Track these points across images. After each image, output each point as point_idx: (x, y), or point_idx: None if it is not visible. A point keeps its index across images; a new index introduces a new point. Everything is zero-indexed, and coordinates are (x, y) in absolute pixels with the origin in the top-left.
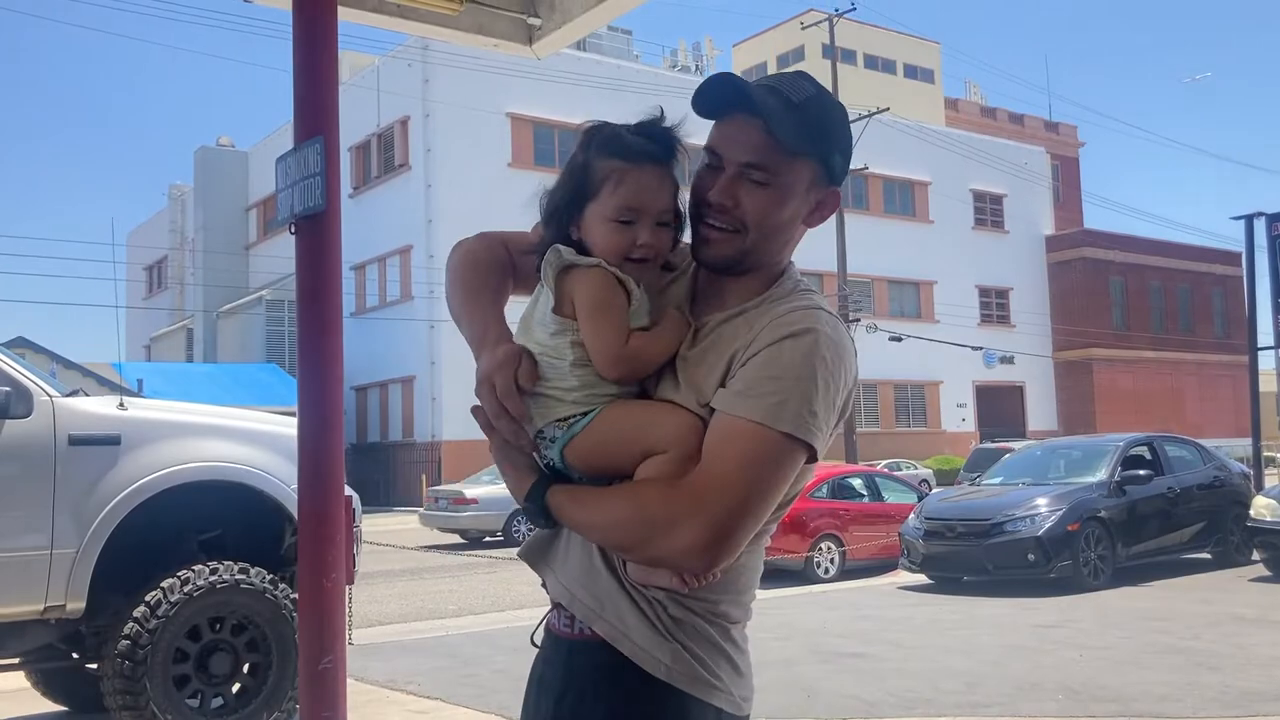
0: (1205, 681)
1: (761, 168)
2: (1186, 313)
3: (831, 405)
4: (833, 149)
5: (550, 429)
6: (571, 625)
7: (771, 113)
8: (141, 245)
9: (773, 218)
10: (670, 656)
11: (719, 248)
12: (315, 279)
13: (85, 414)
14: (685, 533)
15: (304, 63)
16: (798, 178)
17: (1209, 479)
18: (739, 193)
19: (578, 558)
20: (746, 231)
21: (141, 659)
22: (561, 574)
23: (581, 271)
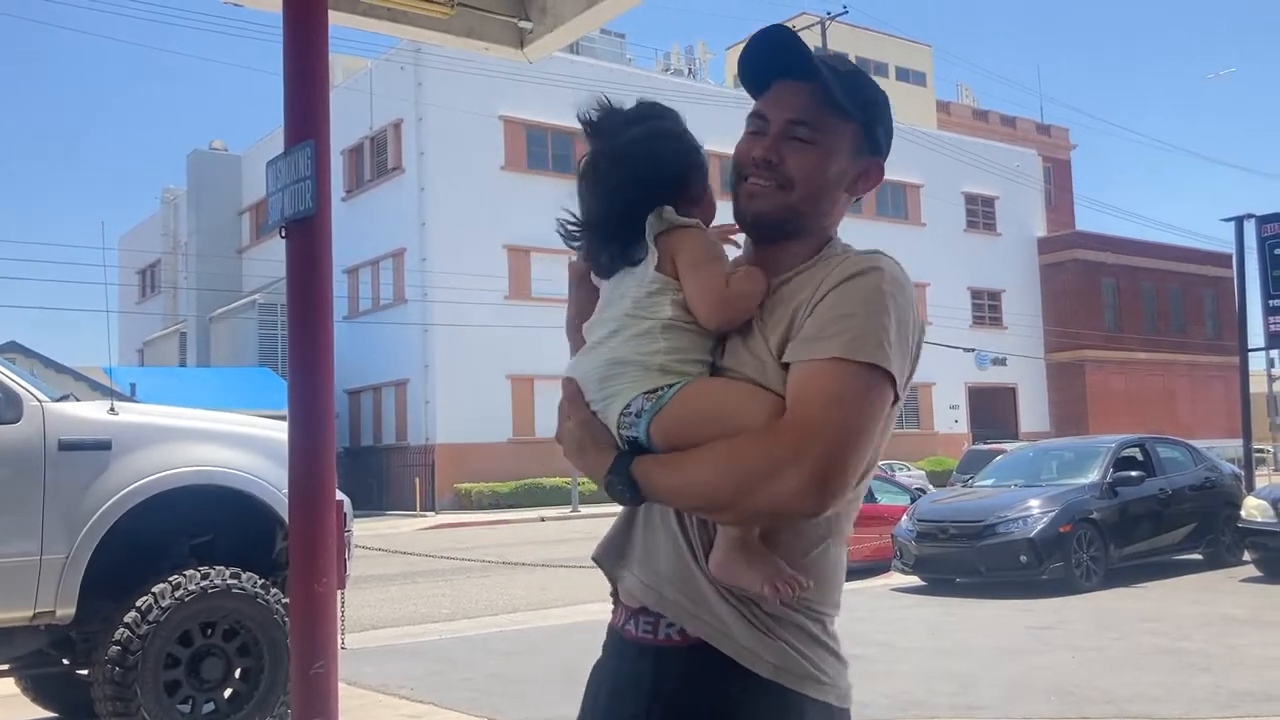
0: (1197, 682)
1: (808, 124)
2: (1178, 314)
3: (905, 343)
4: (876, 120)
5: (637, 402)
6: (654, 630)
7: (817, 73)
8: (134, 249)
9: (818, 176)
10: (776, 655)
11: (764, 200)
12: (306, 282)
13: (75, 419)
14: (790, 476)
15: (294, 66)
16: (843, 140)
17: (1200, 480)
18: (784, 150)
19: (667, 556)
20: (792, 188)
21: (132, 665)
22: (645, 574)
23: (683, 229)
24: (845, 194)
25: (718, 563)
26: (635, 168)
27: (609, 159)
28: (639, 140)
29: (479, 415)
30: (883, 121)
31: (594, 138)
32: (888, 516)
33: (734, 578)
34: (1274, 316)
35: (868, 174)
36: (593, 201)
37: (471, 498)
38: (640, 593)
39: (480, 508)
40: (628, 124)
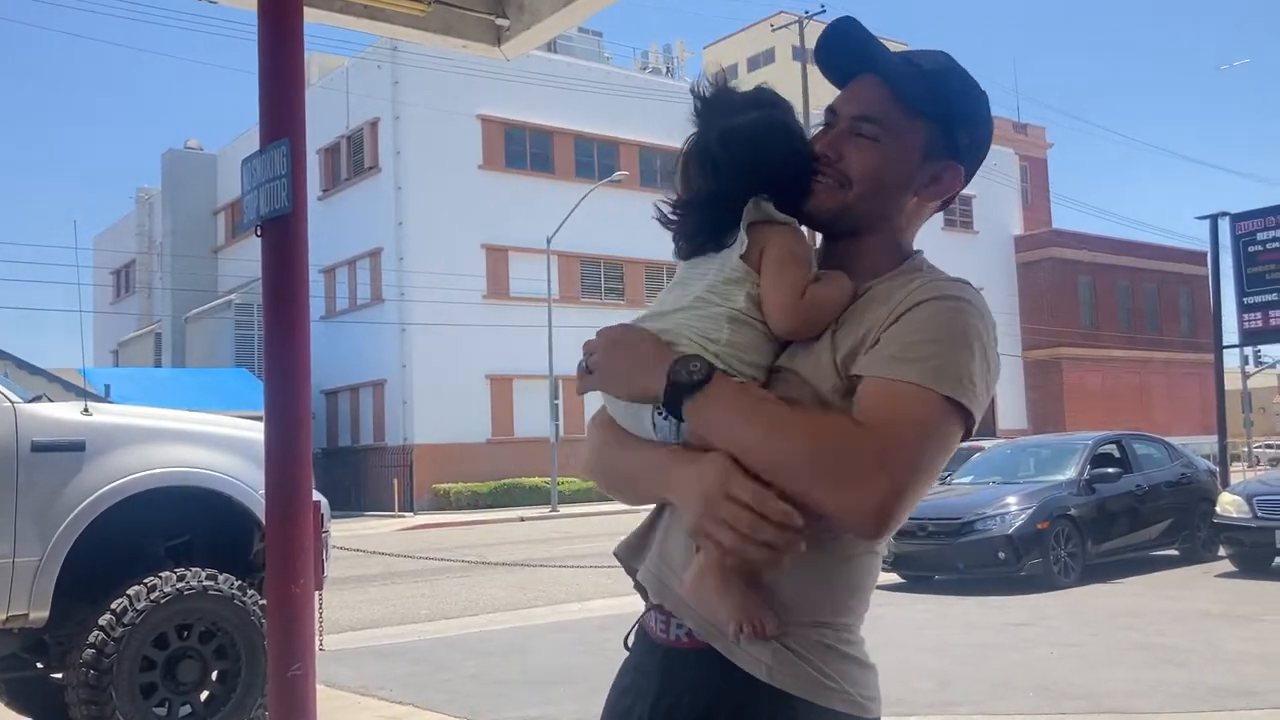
0: (1172, 678)
1: (872, 120)
2: (1154, 312)
3: (986, 378)
4: (956, 120)
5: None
6: (667, 628)
7: (889, 66)
8: (108, 249)
9: (878, 174)
10: (770, 655)
11: (819, 199)
12: (282, 282)
13: (48, 420)
14: (873, 486)
15: (269, 64)
16: (911, 138)
17: (1176, 476)
18: (844, 146)
19: (680, 552)
20: (850, 186)
21: (107, 668)
22: (657, 565)
23: (778, 225)
24: (917, 198)
25: (689, 583)
26: (745, 151)
27: (720, 138)
28: (754, 124)
29: (457, 415)
30: (968, 124)
31: (704, 114)
32: None
33: (703, 602)
34: (1248, 314)
35: (943, 177)
36: (695, 179)
37: (450, 498)
38: (648, 582)
39: (459, 508)
40: (745, 107)
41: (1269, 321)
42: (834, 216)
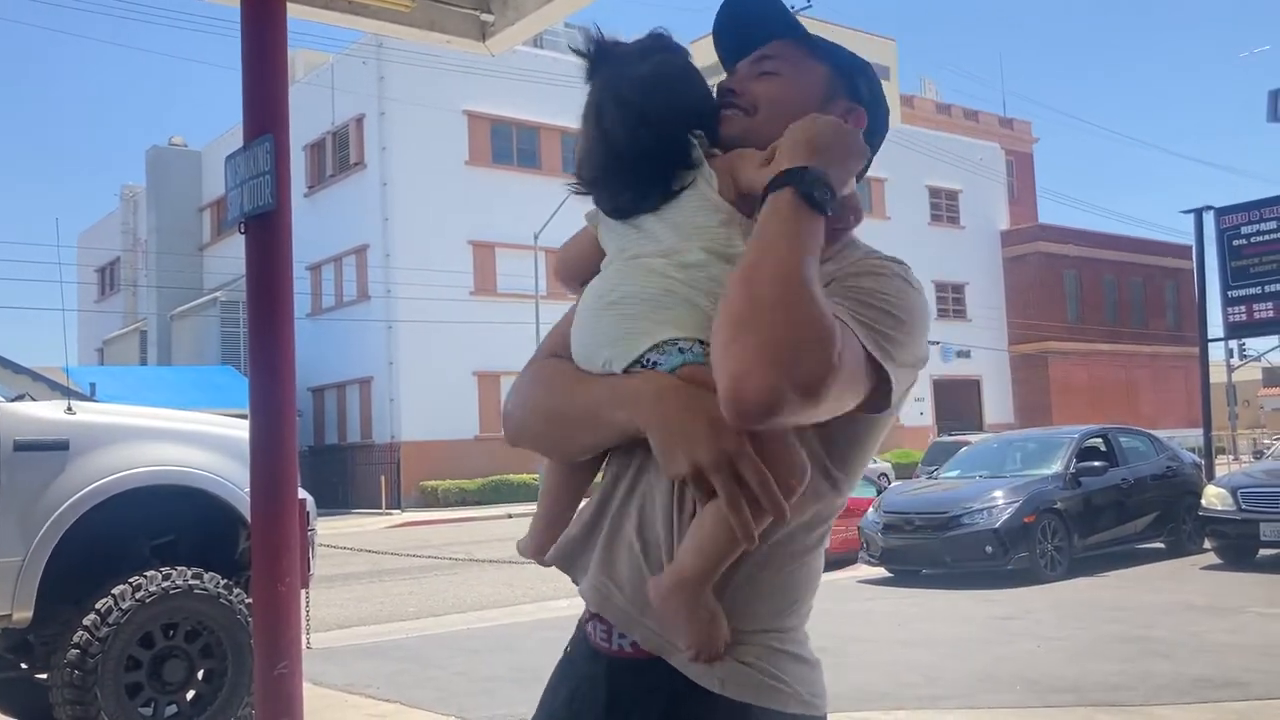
0: (1158, 670)
1: (772, 57)
2: (1139, 306)
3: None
4: (854, 71)
5: (687, 342)
6: (609, 638)
7: (789, 22)
8: (93, 247)
9: (782, 99)
10: (722, 668)
11: (727, 126)
12: (266, 279)
13: (31, 419)
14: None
15: (253, 60)
16: (812, 76)
17: (1162, 469)
18: (748, 83)
19: (624, 562)
20: (756, 111)
21: (92, 668)
22: (600, 577)
23: (728, 156)
24: None
25: (660, 591)
26: (669, 91)
27: (640, 84)
28: (670, 65)
29: (445, 412)
30: (864, 75)
31: (609, 65)
32: (854, 509)
33: (669, 614)
34: (1233, 307)
35: (846, 119)
36: (617, 129)
37: (438, 495)
38: (591, 596)
39: (447, 505)
40: (651, 51)
41: (1253, 315)
42: (740, 141)
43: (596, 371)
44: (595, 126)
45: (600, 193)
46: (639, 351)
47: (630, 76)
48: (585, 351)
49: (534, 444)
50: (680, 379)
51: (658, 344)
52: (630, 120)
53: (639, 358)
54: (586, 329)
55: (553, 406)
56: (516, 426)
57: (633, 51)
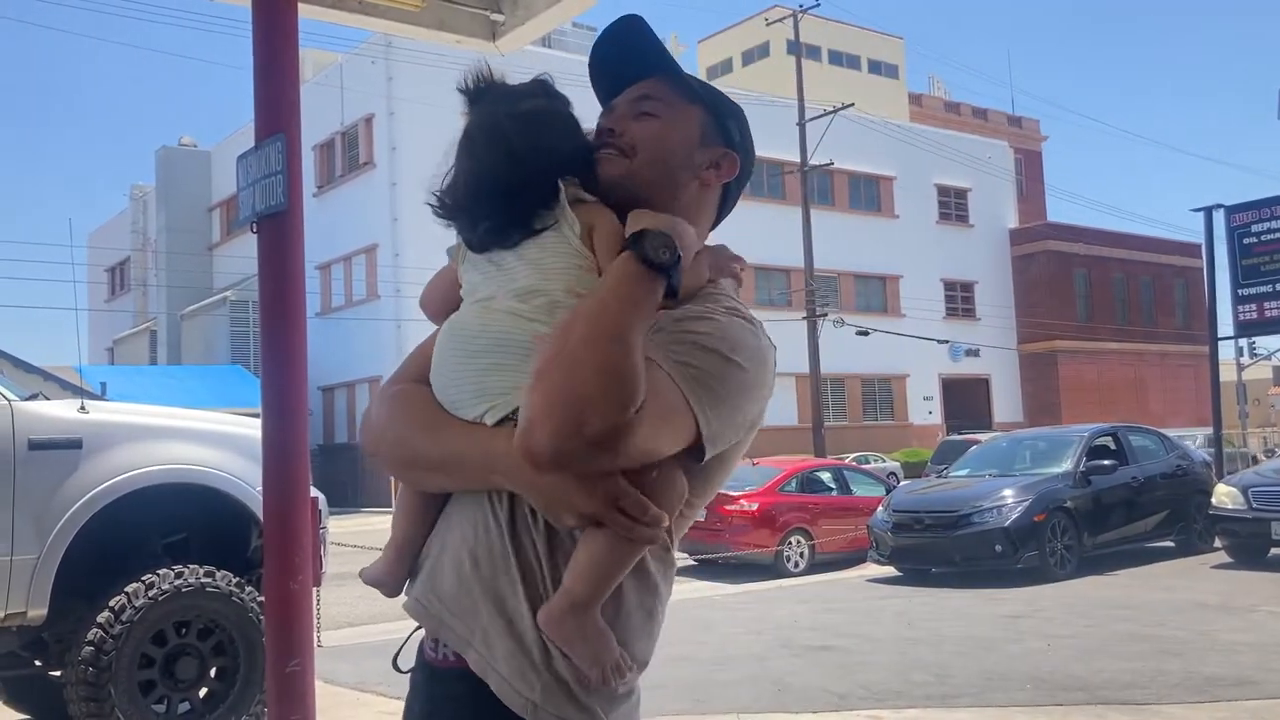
0: (1169, 668)
1: (651, 98)
2: (1149, 304)
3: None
4: (726, 113)
5: None
6: (436, 648)
7: (666, 62)
8: (103, 246)
9: (660, 145)
10: (540, 693)
11: (604, 167)
12: (278, 279)
13: (45, 418)
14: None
15: (264, 60)
16: (688, 118)
17: (1172, 468)
18: (627, 123)
19: (449, 573)
20: (634, 154)
21: (106, 665)
22: (426, 594)
23: (596, 204)
24: (698, 181)
25: (552, 617)
26: (546, 132)
27: (513, 119)
28: (550, 110)
29: None
30: (734, 117)
31: (493, 98)
32: (863, 508)
33: (562, 638)
34: (1243, 306)
35: (722, 164)
36: (488, 162)
37: None
38: (418, 613)
39: None
40: (533, 94)
41: (1264, 313)
42: (619, 182)
43: (468, 419)
44: (465, 156)
45: (461, 221)
46: (514, 406)
47: (506, 113)
48: (453, 398)
49: (391, 470)
50: None
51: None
52: (498, 154)
53: (512, 413)
54: (452, 375)
55: (416, 447)
56: (374, 445)
57: (515, 92)
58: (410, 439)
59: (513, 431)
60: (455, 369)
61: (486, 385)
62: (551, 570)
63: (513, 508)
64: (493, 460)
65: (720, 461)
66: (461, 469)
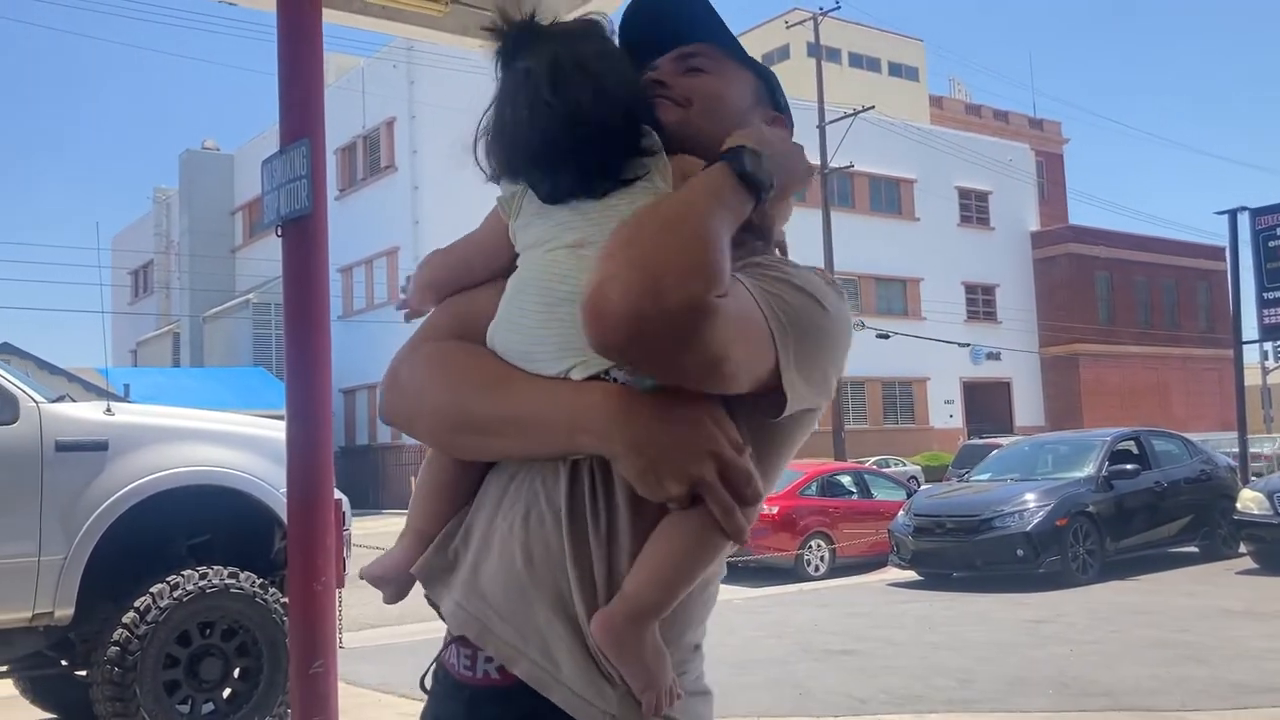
0: (1194, 674)
1: (699, 54)
2: (1172, 308)
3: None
4: (773, 83)
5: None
6: (473, 664)
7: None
8: (126, 249)
9: (715, 94)
10: (618, 705)
11: (663, 113)
12: (302, 282)
13: (72, 420)
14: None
15: (289, 65)
16: (741, 80)
17: (1196, 473)
18: (676, 77)
19: (495, 575)
20: (690, 104)
21: (131, 665)
22: (468, 597)
23: (685, 155)
24: None
25: (609, 624)
26: (629, 70)
27: (596, 57)
28: (617, 49)
29: None
30: (780, 90)
31: (559, 39)
32: (884, 512)
33: (618, 652)
34: (1268, 309)
35: (775, 126)
36: (574, 104)
37: None
38: (460, 620)
39: None
40: (600, 34)
41: None
42: (675, 131)
43: (547, 376)
44: (532, 100)
45: (536, 173)
46: (608, 365)
47: (585, 51)
48: (529, 352)
49: (430, 437)
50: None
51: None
52: (586, 96)
53: (604, 371)
54: (529, 327)
55: (471, 407)
56: (408, 408)
57: (581, 31)
58: (463, 399)
59: (605, 385)
60: (533, 320)
61: (573, 337)
62: (607, 570)
63: (571, 486)
64: (579, 416)
65: (787, 434)
66: (535, 429)
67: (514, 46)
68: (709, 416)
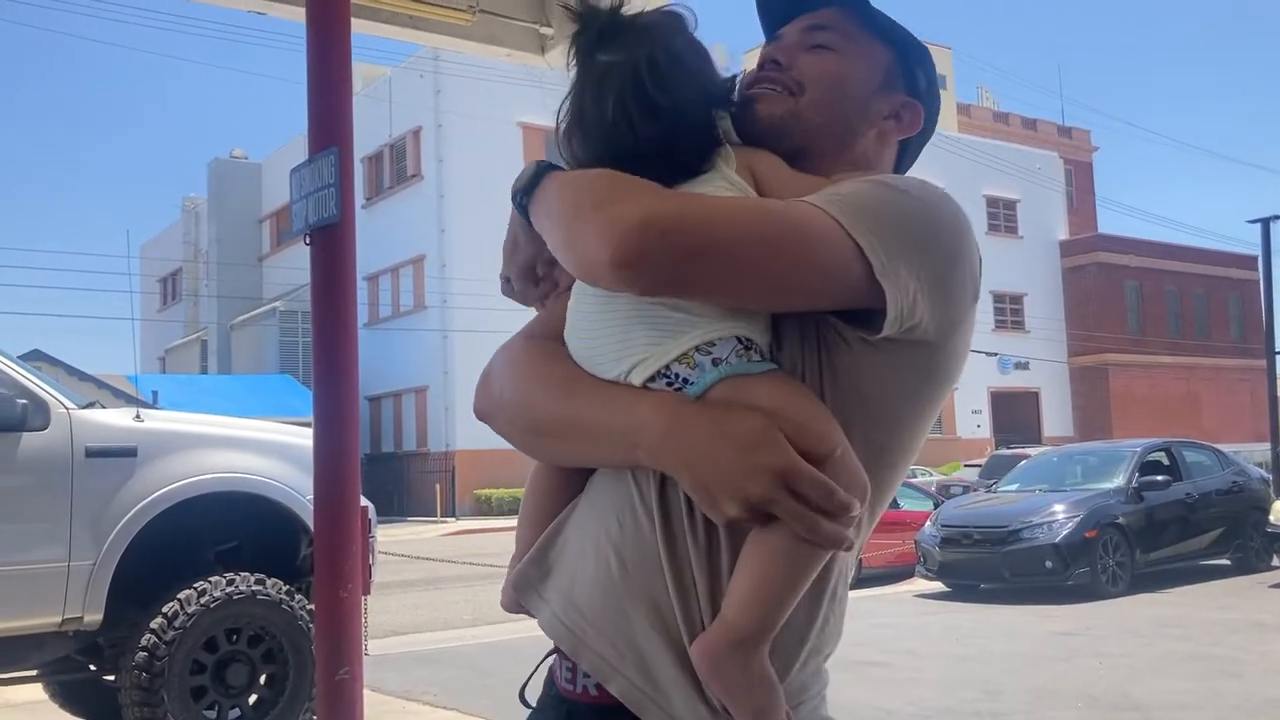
0: (1226, 689)
1: (827, 28)
2: (1203, 317)
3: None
4: (915, 57)
5: (725, 346)
6: (574, 679)
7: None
8: (155, 257)
9: (834, 83)
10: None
11: (764, 105)
12: (330, 290)
13: (102, 426)
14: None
15: (318, 75)
16: (871, 55)
17: (1228, 484)
18: (796, 54)
19: (591, 585)
20: (801, 92)
21: (159, 670)
22: (564, 607)
23: (752, 148)
24: (877, 127)
25: (709, 653)
26: (708, 66)
27: (677, 57)
28: (700, 44)
29: None
30: (923, 65)
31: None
32: (911, 522)
33: (720, 682)
34: None
35: (902, 115)
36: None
37: (492, 503)
38: (555, 631)
39: (501, 513)
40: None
41: None
42: (779, 125)
43: (608, 379)
44: (611, 97)
45: (615, 168)
46: (665, 361)
47: (663, 48)
48: (591, 356)
49: (511, 438)
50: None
51: (686, 352)
52: (662, 93)
53: (662, 369)
54: (591, 327)
55: (544, 409)
56: (491, 405)
57: (659, 25)
58: (536, 399)
59: (657, 396)
60: (595, 320)
61: (632, 337)
62: (708, 579)
63: (664, 489)
64: (632, 430)
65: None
66: (598, 438)
67: (597, 38)
68: (767, 428)
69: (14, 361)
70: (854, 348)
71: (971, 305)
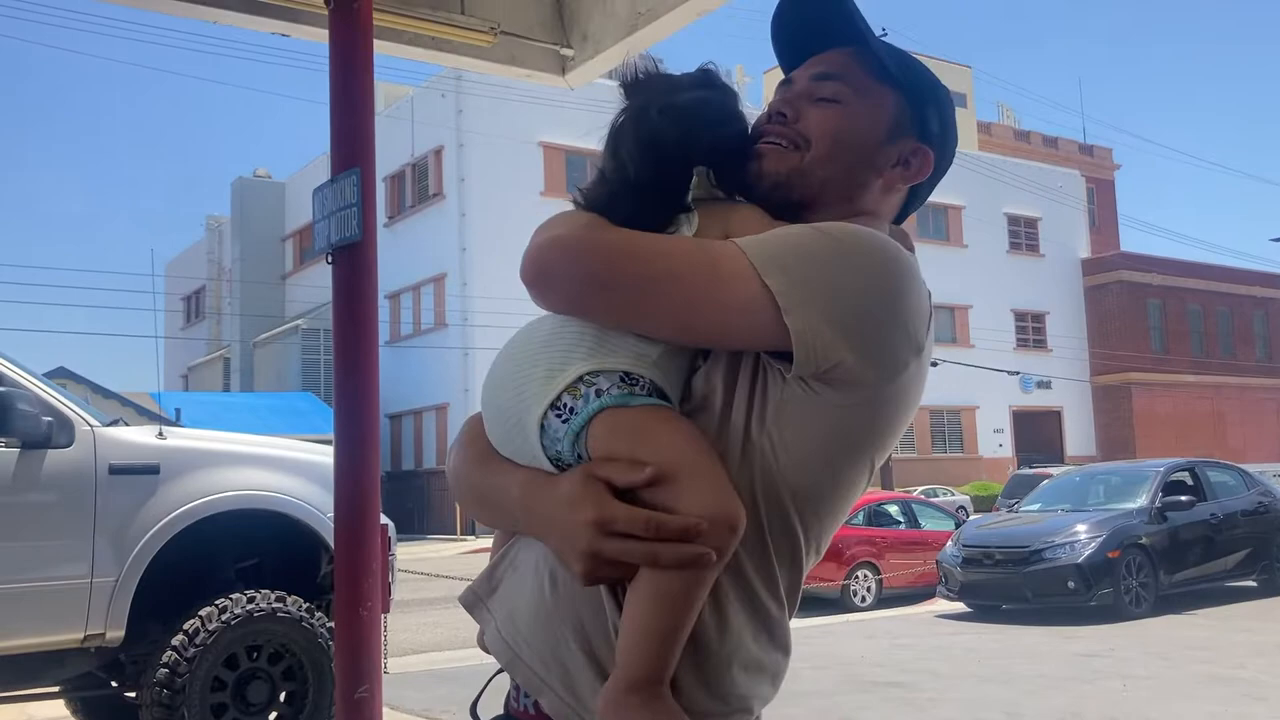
0: (1252, 712)
1: (834, 78)
2: (1227, 336)
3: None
4: (926, 98)
5: (607, 378)
6: (518, 695)
7: (856, 28)
8: (179, 275)
9: (839, 135)
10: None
11: (767, 162)
12: (352, 308)
13: (125, 443)
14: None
15: (341, 95)
16: (879, 106)
17: (1253, 505)
18: (803, 106)
19: (528, 601)
20: (806, 148)
21: (180, 687)
22: (504, 623)
23: (735, 204)
24: (882, 180)
25: (610, 704)
26: (695, 122)
27: (664, 112)
28: (702, 100)
29: None
30: (936, 105)
31: (642, 90)
32: (932, 542)
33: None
34: None
35: (910, 161)
36: (624, 157)
37: None
38: (496, 646)
39: None
40: (692, 85)
41: None
42: (784, 181)
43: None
44: (608, 153)
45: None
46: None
47: (655, 106)
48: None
49: (461, 505)
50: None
51: (572, 382)
52: (634, 149)
53: (554, 400)
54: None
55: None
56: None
57: (670, 83)
58: (466, 470)
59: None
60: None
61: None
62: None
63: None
64: (512, 505)
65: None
66: (504, 513)
67: (624, 94)
68: (585, 482)
69: (40, 379)
70: (790, 385)
71: (913, 350)
